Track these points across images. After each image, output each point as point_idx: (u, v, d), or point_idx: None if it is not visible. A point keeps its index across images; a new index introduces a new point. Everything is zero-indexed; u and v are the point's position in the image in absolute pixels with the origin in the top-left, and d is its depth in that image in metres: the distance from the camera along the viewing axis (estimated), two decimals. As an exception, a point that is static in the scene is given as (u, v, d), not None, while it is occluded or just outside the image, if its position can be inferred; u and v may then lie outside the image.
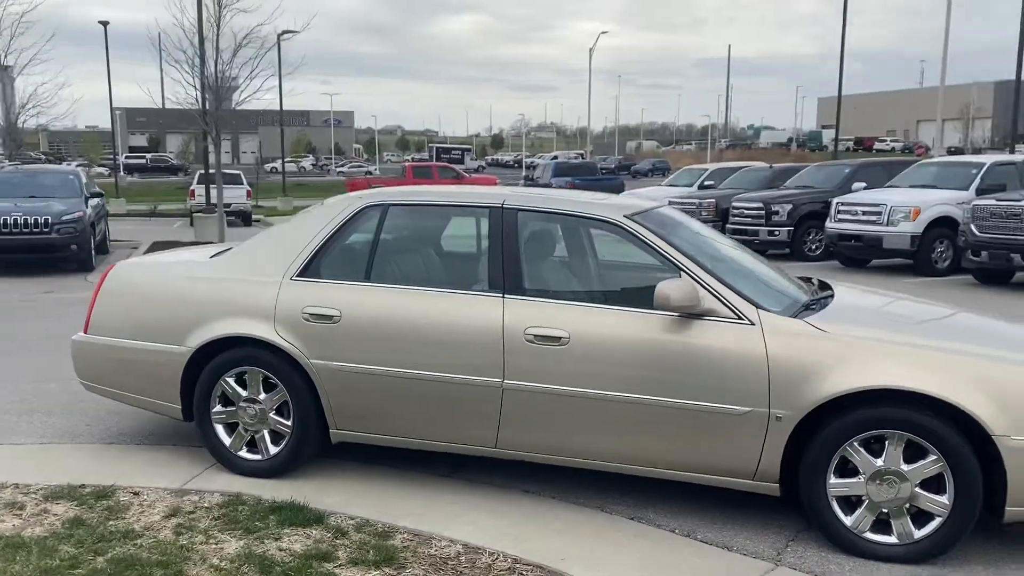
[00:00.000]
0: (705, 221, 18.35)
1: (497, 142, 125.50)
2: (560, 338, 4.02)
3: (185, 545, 3.85)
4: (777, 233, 16.05)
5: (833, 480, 3.76)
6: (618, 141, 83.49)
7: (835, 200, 14.84)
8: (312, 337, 4.40)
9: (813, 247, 16.16)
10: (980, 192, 13.63)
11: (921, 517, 3.71)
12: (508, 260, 4.23)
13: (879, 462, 3.69)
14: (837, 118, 33.54)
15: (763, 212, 16.26)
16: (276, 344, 4.44)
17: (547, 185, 26.77)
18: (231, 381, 4.60)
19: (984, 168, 14.23)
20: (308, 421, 4.49)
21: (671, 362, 3.88)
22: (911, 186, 14.77)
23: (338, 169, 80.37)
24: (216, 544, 3.88)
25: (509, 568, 3.69)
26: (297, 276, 4.52)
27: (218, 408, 4.66)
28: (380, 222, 4.54)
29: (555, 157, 76.23)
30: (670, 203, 19.43)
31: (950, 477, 3.60)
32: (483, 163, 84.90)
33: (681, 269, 3.99)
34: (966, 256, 12.31)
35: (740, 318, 3.86)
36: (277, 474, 4.60)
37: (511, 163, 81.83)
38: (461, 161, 78.09)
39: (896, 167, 16.84)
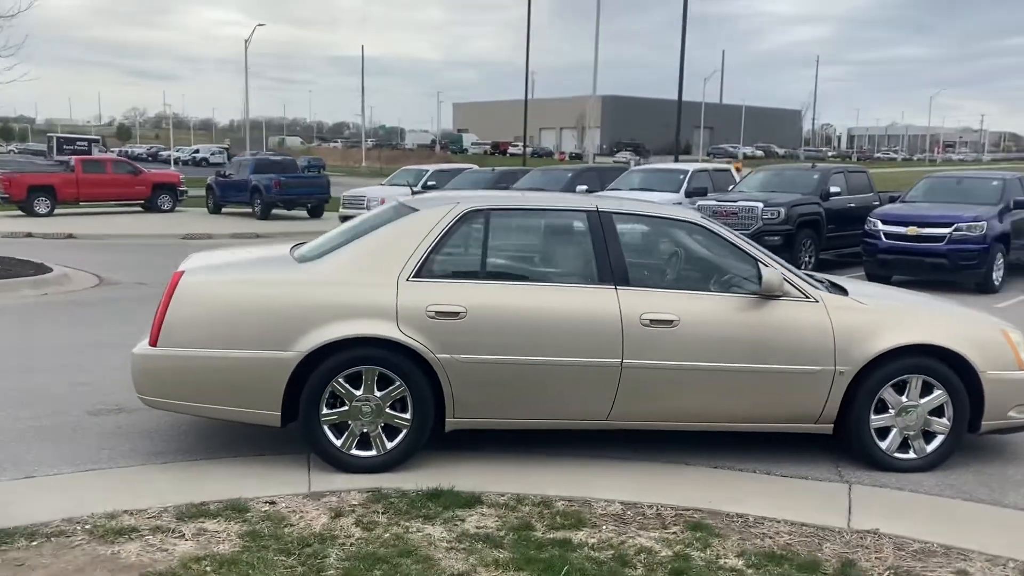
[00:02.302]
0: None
1: (124, 133, 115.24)
2: (672, 321, 4.82)
3: (396, 535, 4.05)
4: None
5: (873, 416, 5.02)
6: (263, 136, 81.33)
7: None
8: (438, 333, 4.71)
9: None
10: (688, 194, 16.32)
11: (928, 437, 5.10)
12: (613, 257, 4.92)
13: (904, 399, 5.03)
14: (524, 128, 36.34)
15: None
16: (401, 342, 4.67)
17: (246, 182, 26.03)
18: (343, 382, 4.71)
19: (688, 174, 17.03)
20: (427, 413, 4.78)
21: (762, 335, 4.88)
22: (631, 189, 17.13)
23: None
24: (418, 531, 4.12)
25: (675, 514, 4.44)
26: (413, 277, 4.78)
27: (326, 410, 4.74)
28: (486, 225, 4.96)
29: (227, 149, 72.24)
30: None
31: (950, 405, 5.03)
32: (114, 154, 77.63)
33: (758, 261, 5.00)
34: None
35: (808, 298, 4.97)
36: (391, 468, 4.82)
37: (145, 156, 75.90)
38: (88, 152, 70.88)
39: (607, 172, 19.31)
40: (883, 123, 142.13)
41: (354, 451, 4.80)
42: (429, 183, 22.14)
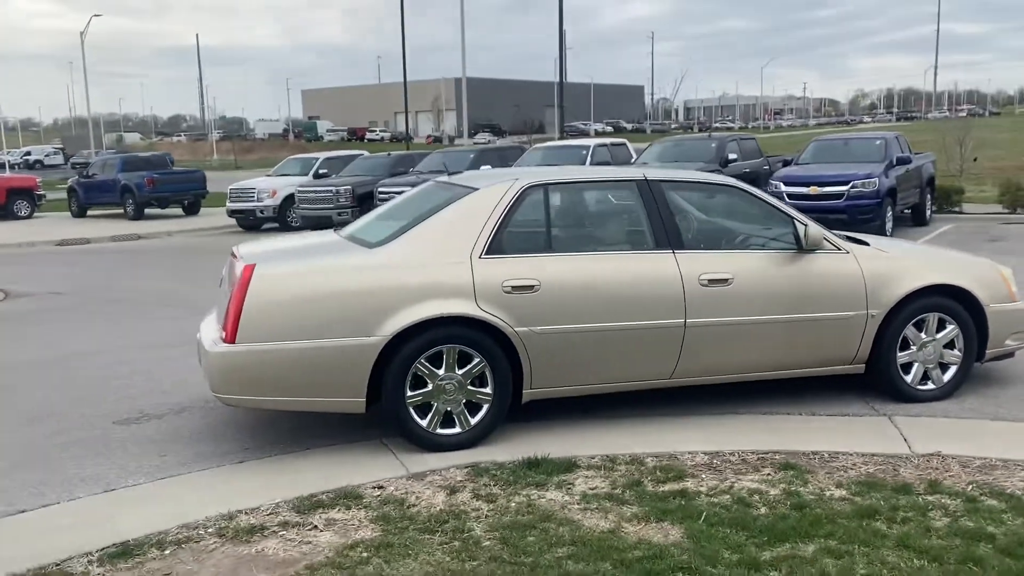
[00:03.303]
0: (343, 207, 19.20)
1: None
2: (727, 279, 5.12)
3: (523, 503, 4.16)
4: (428, 213, 17.57)
5: (898, 353, 5.51)
6: (100, 133, 76.57)
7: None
8: (515, 307, 4.81)
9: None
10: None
11: (943, 368, 5.64)
12: (667, 222, 5.17)
13: (923, 335, 5.54)
14: (406, 111, 35.82)
15: (413, 195, 17.64)
16: (481, 319, 4.75)
17: (115, 181, 24.64)
18: (425, 362, 4.75)
19: (591, 149, 17.53)
20: (507, 387, 4.88)
21: (805, 287, 5.26)
22: (537, 166, 17.44)
23: None
24: (540, 497, 4.25)
25: (758, 458, 4.76)
26: (485, 254, 4.85)
27: (410, 392, 4.76)
28: (545, 200, 5.09)
29: (63, 150, 67.30)
30: (298, 191, 19.78)
31: (961, 338, 5.59)
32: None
33: (793, 219, 5.36)
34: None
35: (840, 250, 5.39)
36: (476, 443, 4.90)
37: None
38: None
39: (508, 152, 19.57)
40: (716, 94, 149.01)
41: (439, 430, 4.85)
42: (320, 171, 21.69)
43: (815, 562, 3.54)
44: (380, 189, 18.09)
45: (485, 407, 4.89)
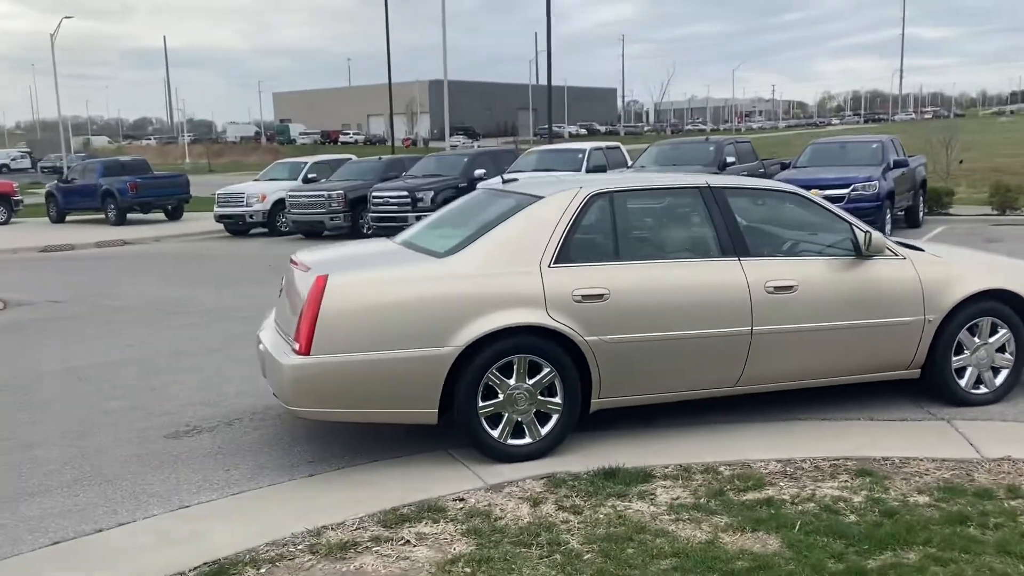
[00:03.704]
0: (335, 212, 19.05)
1: None
2: (792, 286, 5.13)
3: (611, 515, 4.13)
4: (425, 217, 17.45)
5: (953, 357, 5.56)
6: (69, 136, 75.38)
7: (481, 185, 16.79)
8: (584, 316, 4.78)
9: (452, 228, 17.94)
10: (589, 172, 16.84)
11: (995, 372, 5.70)
12: (731, 229, 5.17)
13: (977, 340, 5.59)
14: (391, 114, 35.69)
15: (409, 199, 17.53)
16: (552, 328, 4.72)
17: (95, 186, 24.24)
18: (496, 372, 4.71)
19: (587, 152, 17.56)
20: (576, 396, 4.85)
21: (866, 293, 5.29)
22: (533, 170, 17.42)
23: None
24: (626, 508, 4.22)
25: (830, 465, 4.76)
26: (554, 263, 4.82)
27: (482, 403, 4.71)
28: (611, 208, 5.06)
29: (30, 153, 65.94)
30: (289, 196, 19.58)
31: (1012, 341, 5.64)
32: None
33: (852, 225, 5.39)
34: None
35: (897, 255, 5.42)
36: (546, 453, 4.86)
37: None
38: None
39: (500, 155, 19.53)
40: (686, 97, 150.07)
41: (511, 440, 4.80)
42: (310, 175, 21.51)
43: (924, 570, 3.55)
44: (374, 194, 17.97)
45: (555, 417, 4.85)
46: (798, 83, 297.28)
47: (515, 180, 5.90)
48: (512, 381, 4.75)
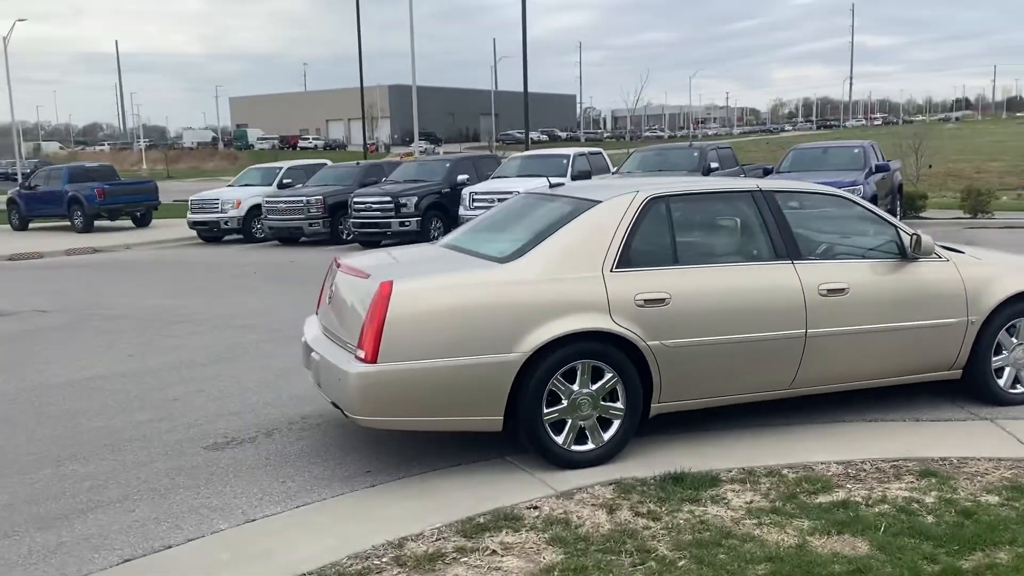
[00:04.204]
0: (314, 218, 18.83)
1: None
2: (844, 289, 5.15)
3: (691, 520, 4.10)
4: (408, 223, 17.31)
5: (993, 357, 5.63)
6: (19, 142, 73.48)
7: (468, 190, 16.73)
8: (646, 321, 4.75)
9: (435, 234, 17.78)
10: (574, 178, 16.86)
11: (1030, 371, 5.79)
12: (784, 233, 5.18)
13: (1015, 340, 5.67)
14: (363, 120, 35.28)
15: (392, 204, 17.37)
16: (617, 333, 4.68)
17: (61, 193, 23.64)
18: (560, 378, 4.65)
19: (571, 158, 17.58)
20: (638, 401, 4.82)
21: (913, 294, 5.33)
22: (518, 176, 17.42)
23: None
24: (704, 512, 4.19)
25: (891, 466, 4.78)
26: (616, 268, 4.78)
27: (546, 409, 4.65)
28: (667, 212, 5.04)
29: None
30: (266, 202, 19.27)
31: (1049, 342, 5.74)
32: None
33: (898, 228, 5.44)
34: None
35: (940, 257, 5.48)
36: (609, 459, 4.81)
37: None
38: None
39: (482, 161, 19.49)
40: (642, 104, 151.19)
41: (574, 447, 4.74)
42: (285, 181, 21.24)
43: (1019, 570, 3.57)
44: (356, 200, 17.79)
45: (616, 423, 4.81)
46: (751, 90, 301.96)
47: (561, 184, 5.84)
48: (575, 387, 4.69)
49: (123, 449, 5.40)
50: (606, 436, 4.80)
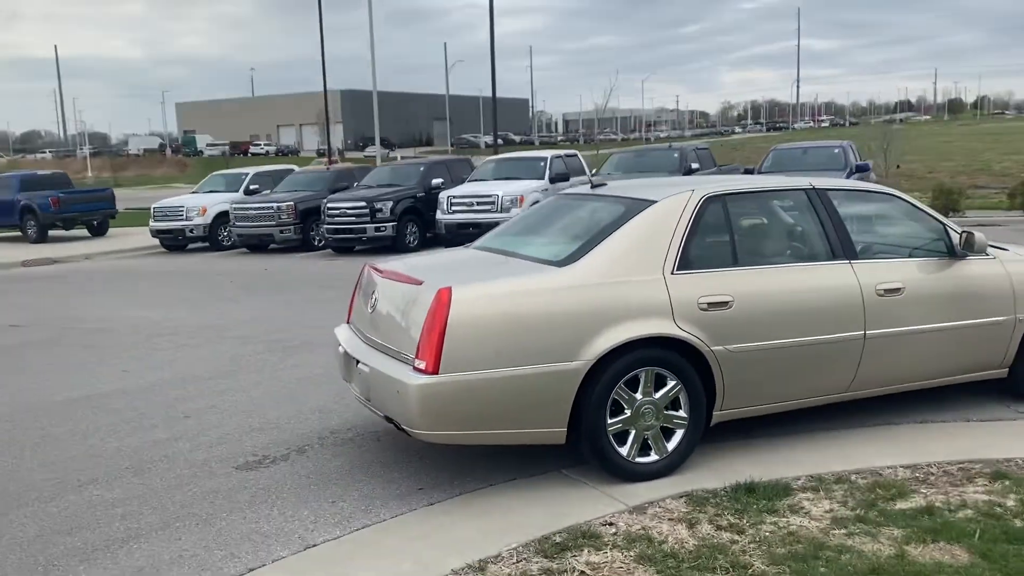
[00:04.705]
0: (285, 224, 18.40)
1: None
2: (900, 288, 5.04)
3: (778, 532, 3.93)
4: (384, 229, 16.98)
5: (1039, 355, 5.57)
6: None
7: (446, 194, 16.47)
8: (710, 325, 4.58)
9: (410, 240, 17.47)
10: (552, 180, 16.74)
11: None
12: (840, 232, 5.05)
13: (1057, 335, 5.63)
14: (327, 122, 34.62)
15: (368, 210, 17.02)
16: (681, 338, 4.50)
17: (13, 202, 22.79)
18: (624, 386, 4.46)
19: (549, 160, 17.42)
20: (701, 409, 4.64)
21: (964, 293, 5.25)
22: (495, 179, 17.23)
23: None
24: (788, 523, 4.03)
25: (960, 468, 4.67)
26: (677, 270, 4.60)
27: (610, 420, 4.45)
28: (724, 211, 4.87)
29: None
30: (234, 208, 18.80)
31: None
32: None
33: (946, 226, 5.35)
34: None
35: (988, 255, 5.40)
36: (673, 470, 4.62)
37: None
38: None
39: (455, 165, 19.24)
40: (593, 107, 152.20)
41: (638, 459, 4.55)
42: (252, 187, 20.73)
43: None
44: (330, 205, 17.39)
45: (680, 432, 4.63)
46: (700, 93, 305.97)
47: (604, 185, 5.64)
48: (639, 395, 4.50)
49: (147, 471, 5.07)
50: (670, 446, 4.61)
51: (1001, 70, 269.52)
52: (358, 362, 4.71)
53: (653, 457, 4.58)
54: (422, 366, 4.18)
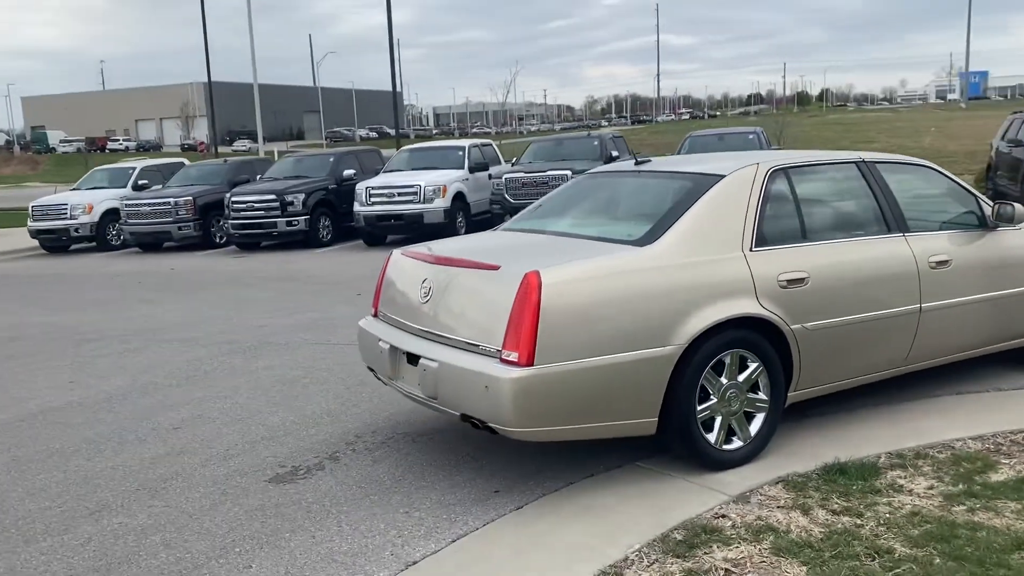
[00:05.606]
0: (184, 220, 17.33)
1: None
2: (948, 261, 5.01)
3: (898, 513, 3.78)
4: (296, 223, 16.18)
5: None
6: None
7: (363, 185, 15.82)
8: (789, 303, 4.39)
9: (324, 234, 16.72)
10: (471, 169, 16.41)
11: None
12: (892, 205, 4.97)
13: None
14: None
15: (278, 203, 16.18)
16: (765, 317, 4.29)
17: None
18: (710, 371, 4.21)
19: (467, 150, 17.05)
20: (781, 389, 4.46)
21: (1003, 263, 5.27)
22: (412, 168, 16.71)
23: None
24: (900, 504, 3.89)
25: None
26: (756, 247, 4.38)
27: (699, 406, 4.20)
28: (789, 184, 4.69)
29: None
30: (125, 205, 17.55)
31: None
32: None
33: (977, 198, 5.37)
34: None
35: (1017, 227, 5.46)
36: (755, 456, 4.41)
37: None
38: None
39: (365, 155, 18.59)
40: (459, 101, 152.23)
41: (724, 445, 4.31)
42: (140, 182, 19.39)
43: None
44: (235, 199, 16.43)
45: (760, 416, 4.42)
46: (566, 88, 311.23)
47: (648, 161, 5.35)
48: (724, 379, 4.26)
49: (164, 492, 4.45)
50: (753, 431, 4.39)
51: (841, 65, 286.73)
52: (414, 357, 4.25)
53: (737, 443, 4.35)
54: (513, 358, 3.79)
